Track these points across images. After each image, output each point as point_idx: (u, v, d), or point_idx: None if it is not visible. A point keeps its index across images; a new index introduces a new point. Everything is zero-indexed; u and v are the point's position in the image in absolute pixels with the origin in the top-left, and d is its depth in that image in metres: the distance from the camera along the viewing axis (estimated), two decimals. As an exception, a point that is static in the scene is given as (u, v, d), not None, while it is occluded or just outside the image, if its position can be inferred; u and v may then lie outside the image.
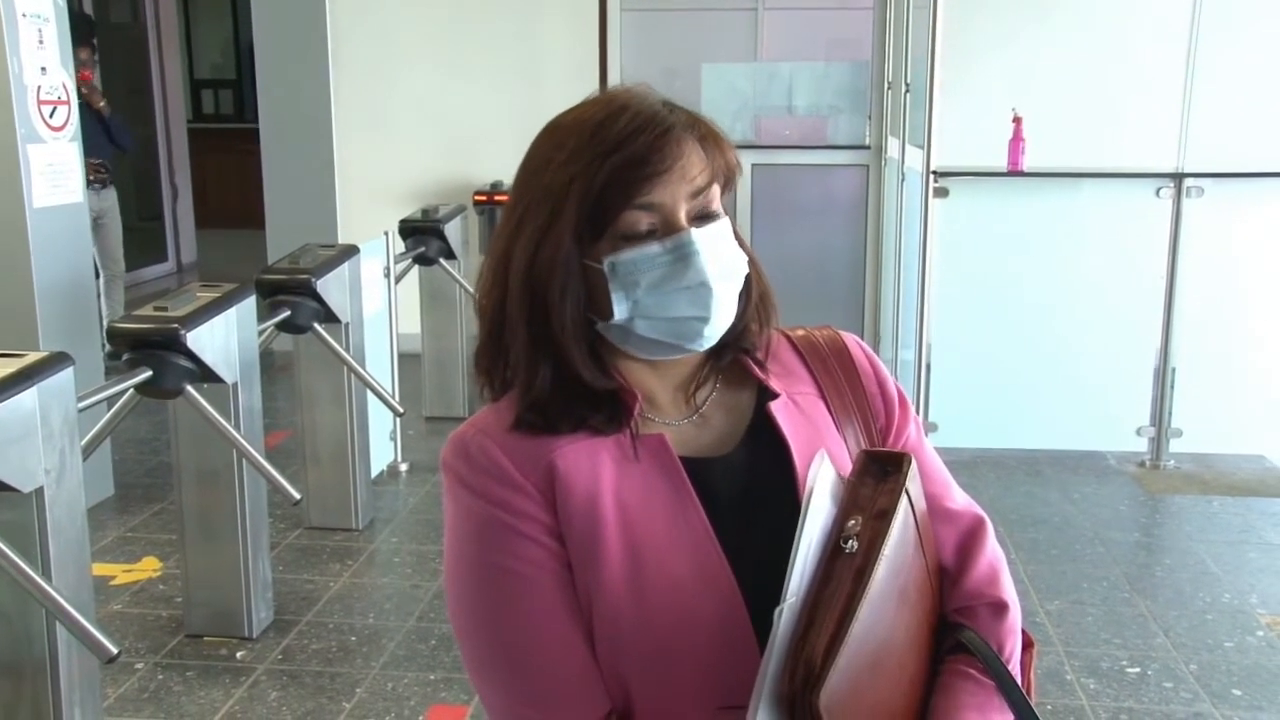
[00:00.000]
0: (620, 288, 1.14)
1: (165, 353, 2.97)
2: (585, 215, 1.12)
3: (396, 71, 6.63)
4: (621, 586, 1.12)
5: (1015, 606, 1.27)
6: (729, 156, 1.19)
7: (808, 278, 6.63)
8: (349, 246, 4.20)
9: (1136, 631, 3.41)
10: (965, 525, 1.29)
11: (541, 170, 1.15)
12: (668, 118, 1.15)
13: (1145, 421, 4.90)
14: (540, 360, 1.16)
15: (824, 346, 1.32)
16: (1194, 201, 4.68)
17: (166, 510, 4.31)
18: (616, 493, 1.15)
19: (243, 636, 3.37)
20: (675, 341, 1.17)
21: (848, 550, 1.07)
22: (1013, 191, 4.88)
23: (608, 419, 1.18)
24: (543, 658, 1.14)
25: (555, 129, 1.18)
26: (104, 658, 2.28)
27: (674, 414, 1.23)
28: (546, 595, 1.14)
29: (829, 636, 1.02)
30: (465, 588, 1.18)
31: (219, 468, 3.31)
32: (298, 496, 3.13)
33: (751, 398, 1.25)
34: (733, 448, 1.22)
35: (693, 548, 1.14)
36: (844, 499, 1.12)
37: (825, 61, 6.76)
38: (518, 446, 1.16)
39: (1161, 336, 4.81)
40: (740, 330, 1.23)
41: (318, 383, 4.15)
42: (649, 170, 1.12)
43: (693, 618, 1.12)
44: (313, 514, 4.20)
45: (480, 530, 1.16)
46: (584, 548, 1.14)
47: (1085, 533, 4.15)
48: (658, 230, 1.13)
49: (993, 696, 1.19)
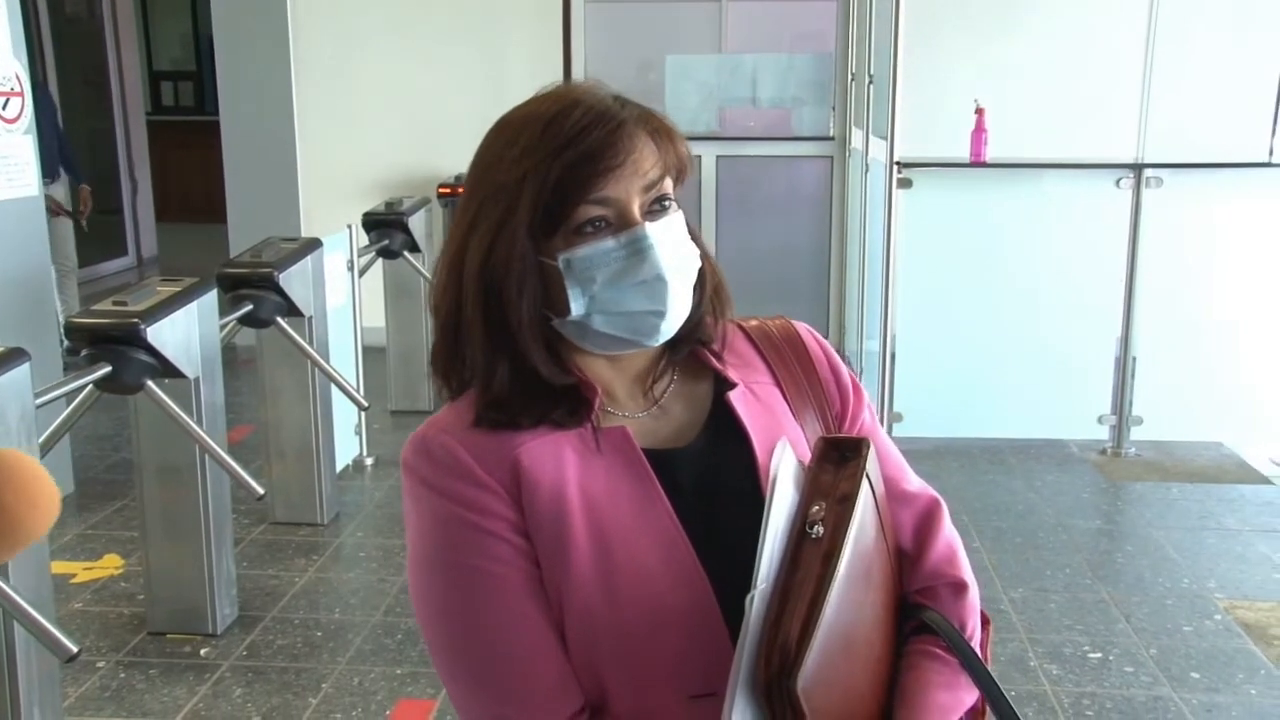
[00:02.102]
0: (576, 284, 1.14)
1: (125, 348, 2.94)
2: (539, 212, 1.13)
3: (359, 63, 6.59)
4: (591, 579, 1.13)
5: (974, 586, 1.29)
6: (681, 150, 1.19)
7: (772, 269, 6.65)
8: (312, 240, 4.17)
9: (1098, 618, 3.45)
10: (922, 507, 1.31)
11: (494, 167, 1.16)
12: (619, 112, 1.15)
13: (1106, 409, 4.95)
14: (498, 358, 1.17)
15: (778, 336, 1.33)
16: (1153, 192, 4.73)
17: (128, 507, 4.27)
18: (582, 486, 1.15)
19: (206, 633, 3.35)
20: (632, 336, 1.18)
21: (814, 536, 1.08)
22: (975, 182, 4.91)
23: (569, 413, 1.18)
24: (514, 656, 1.14)
25: (507, 125, 1.18)
26: (63, 657, 2.26)
27: (633, 407, 1.24)
28: (516, 593, 1.14)
29: (802, 620, 1.03)
30: (433, 589, 1.17)
31: (181, 464, 3.28)
32: (261, 491, 3.11)
33: (709, 389, 1.26)
34: (693, 438, 1.23)
35: (660, 538, 1.15)
36: (806, 485, 1.13)
37: (789, 53, 6.77)
38: (481, 444, 1.16)
39: (1122, 326, 4.86)
40: (696, 322, 1.24)
41: (281, 377, 4.12)
42: (602, 165, 1.12)
43: (663, 608, 1.13)
44: (277, 509, 4.18)
45: (446, 530, 1.15)
46: (552, 543, 1.14)
47: (1048, 520, 4.19)
48: (612, 225, 1.14)
49: (959, 674, 1.21)
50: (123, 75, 9.52)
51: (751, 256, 6.64)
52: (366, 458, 4.81)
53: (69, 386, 2.88)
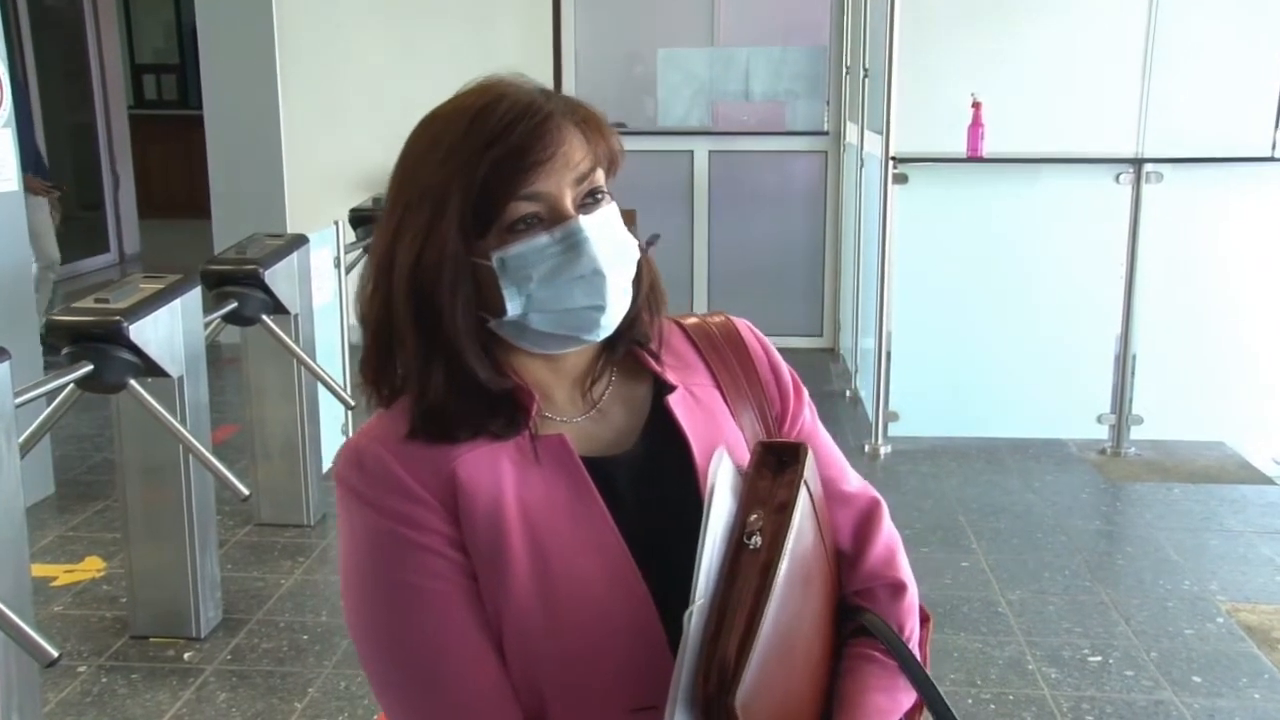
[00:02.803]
0: (512, 283, 1.13)
1: (107, 346, 2.92)
2: (469, 212, 1.12)
3: (346, 56, 6.57)
4: (529, 593, 1.12)
5: (912, 586, 1.31)
6: (611, 141, 1.18)
7: (766, 266, 6.66)
8: (297, 236, 4.16)
9: (1098, 620, 3.44)
10: (861, 508, 1.32)
11: (418, 169, 1.15)
12: (545, 105, 1.14)
13: (1106, 409, 4.95)
14: (433, 365, 1.15)
15: (717, 334, 1.33)
16: (1154, 187, 4.73)
17: (109, 508, 4.26)
18: (519, 498, 1.15)
19: (190, 637, 3.33)
20: (572, 333, 1.17)
21: (752, 546, 1.09)
22: (972, 177, 4.91)
23: (506, 423, 1.17)
24: (452, 672, 1.13)
25: (430, 124, 1.18)
26: (44, 661, 2.24)
27: (572, 411, 1.23)
28: (452, 609, 1.13)
29: (740, 636, 1.03)
30: (367, 606, 1.16)
31: (164, 464, 3.27)
32: (246, 492, 3.08)
33: (648, 391, 1.26)
34: (632, 444, 1.23)
35: (599, 549, 1.15)
36: (744, 493, 1.14)
37: (783, 46, 6.76)
38: (415, 456, 1.15)
39: (1122, 323, 4.86)
40: (632, 320, 1.23)
41: (266, 376, 4.11)
42: (531, 160, 1.11)
43: (603, 620, 1.13)
44: (263, 510, 4.17)
45: (380, 546, 1.15)
46: (489, 557, 1.13)
47: (1046, 521, 4.19)
48: (545, 220, 1.13)
49: (897, 677, 1.23)
50: (104, 68, 9.49)
51: (745, 254, 6.64)
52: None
53: (49, 385, 2.86)
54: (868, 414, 5.12)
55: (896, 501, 4.39)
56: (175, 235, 9.63)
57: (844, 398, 5.73)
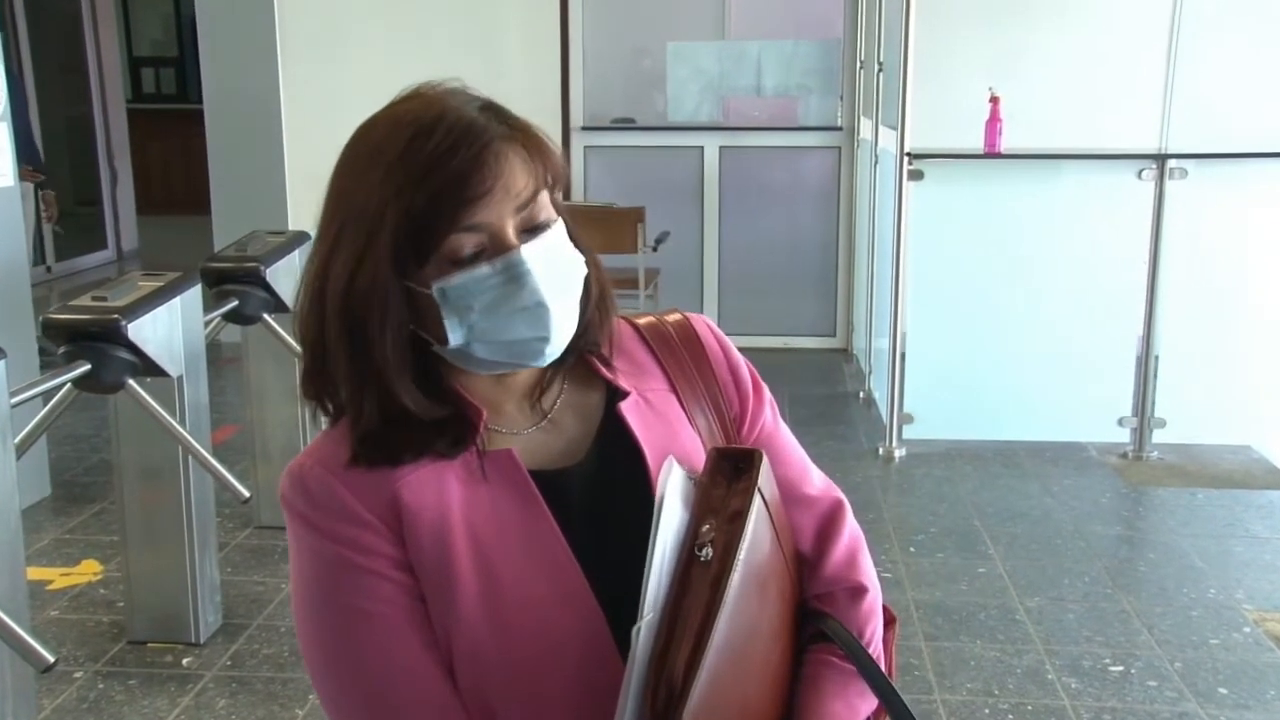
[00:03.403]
0: (453, 313, 1.12)
1: (105, 345, 2.92)
2: (405, 241, 1.09)
3: (348, 48, 6.56)
4: (478, 613, 1.12)
5: (874, 588, 1.31)
6: (554, 161, 1.16)
7: (777, 265, 6.65)
8: (299, 233, 4.15)
9: (1119, 629, 3.43)
10: (823, 510, 1.32)
11: (354, 188, 1.13)
12: (486, 128, 1.12)
13: (1127, 411, 4.93)
14: (365, 391, 1.14)
15: (673, 335, 1.31)
16: (1177, 183, 4.71)
17: (107, 510, 4.26)
18: (466, 517, 1.14)
19: (189, 642, 3.33)
20: (517, 360, 1.17)
21: (703, 558, 1.08)
22: (990, 174, 4.90)
23: (451, 442, 1.16)
24: (402, 695, 1.13)
25: (368, 135, 1.16)
26: (40, 667, 2.24)
27: (522, 422, 1.22)
28: (401, 632, 1.13)
29: (688, 652, 1.03)
30: (316, 630, 1.17)
31: (163, 465, 3.27)
32: (247, 494, 3.10)
33: (601, 398, 1.25)
34: (584, 455, 1.21)
35: (548, 565, 1.14)
36: (696, 502, 1.13)
37: (795, 40, 6.76)
38: (359, 478, 1.15)
39: (1144, 323, 4.84)
40: (582, 331, 1.21)
41: (268, 375, 4.11)
42: (469, 194, 1.09)
43: (553, 637, 1.13)
44: (263, 512, 4.17)
45: (327, 570, 1.15)
46: (436, 578, 1.13)
47: (1065, 527, 4.17)
48: (486, 250, 1.11)
49: (855, 681, 1.23)
50: (101, 61, 9.50)
51: (755, 252, 6.63)
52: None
53: (46, 385, 2.86)
54: (881, 416, 5.11)
55: (911, 506, 4.39)
56: (174, 232, 9.63)
57: (857, 399, 5.72)
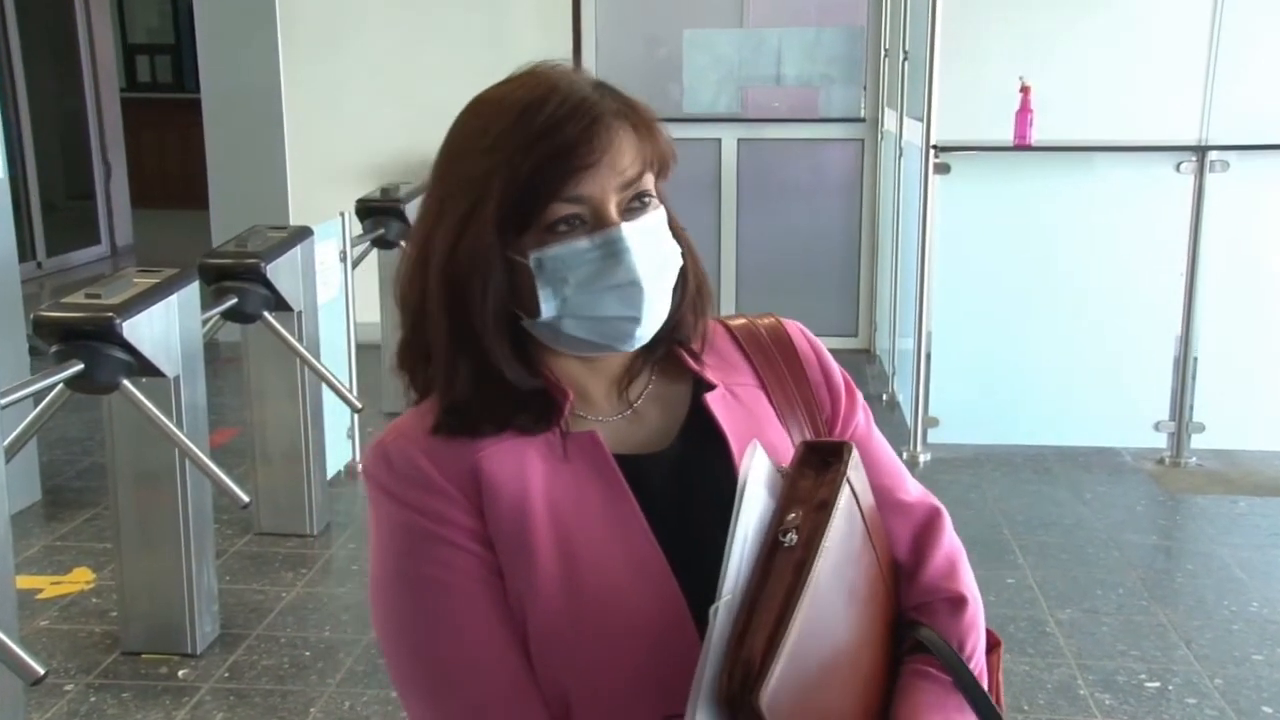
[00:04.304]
0: (547, 284, 1.17)
1: (99, 344, 2.93)
2: (509, 207, 1.15)
3: (352, 36, 6.57)
4: (556, 592, 1.15)
5: (976, 601, 1.31)
6: (662, 144, 1.21)
7: (797, 262, 6.63)
8: (301, 228, 4.18)
9: (1156, 643, 3.42)
10: (920, 517, 1.33)
11: (462, 157, 1.18)
12: (598, 104, 1.17)
13: (1164, 415, 4.90)
14: (461, 358, 1.19)
15: (765, 336, 1.36)
16: (1218, 176, 4.67)
17: (100, 516, 4.27)
18: (547, 494, 1.18)
19: (185, 653, 3.34)
20: (605, 341, 1.21)
21: (786, 544, 1.09)
22: (1020, 167, 4.88)
23: (535, 418, 1.21)
24: (476, 670, 1.16)
25: (477, 110, 1.20)
26: (29, 679, 2.25)
27: (607, 410, 1.27)
28: (477, 605, 1.17)
29: (768, 633, 1.04)
30: (392, 601, 1.20)
31: (159, 469, 3.28)
32: (246, 499, 3.12)
33: (687, 391, 1.30)
34: (669, 443, 1.26)
35: (629, 549, 1.18)
36: (783, 491, 1.15)
37: (817, 27, 6.74)
38: (441, 450, 1.19)
39: (1182, 323, 4.82)
40: (675, 322, 1.26)
41: (268, 376, 4.13)
42: (577, 163, 1.14)
43: (632, 622, 1.15)
44: (263, 518, 4.18)
45: (406, 540, 1.19)
46: (514, 553, 1.17)
47: (1099, 535, 4.16)
48: (586, 224, 1.16)
49: (952, 695, 1.23)
50: (94, 48, 9.52)
51: (775, 248, 6.62)
52: (359, 463, 4.79)
53: (37, 386, 2.87)
54: (906, 419, 5.10)
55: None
56: (170, 227, 9.66)
57: (881, 402, 5.71)
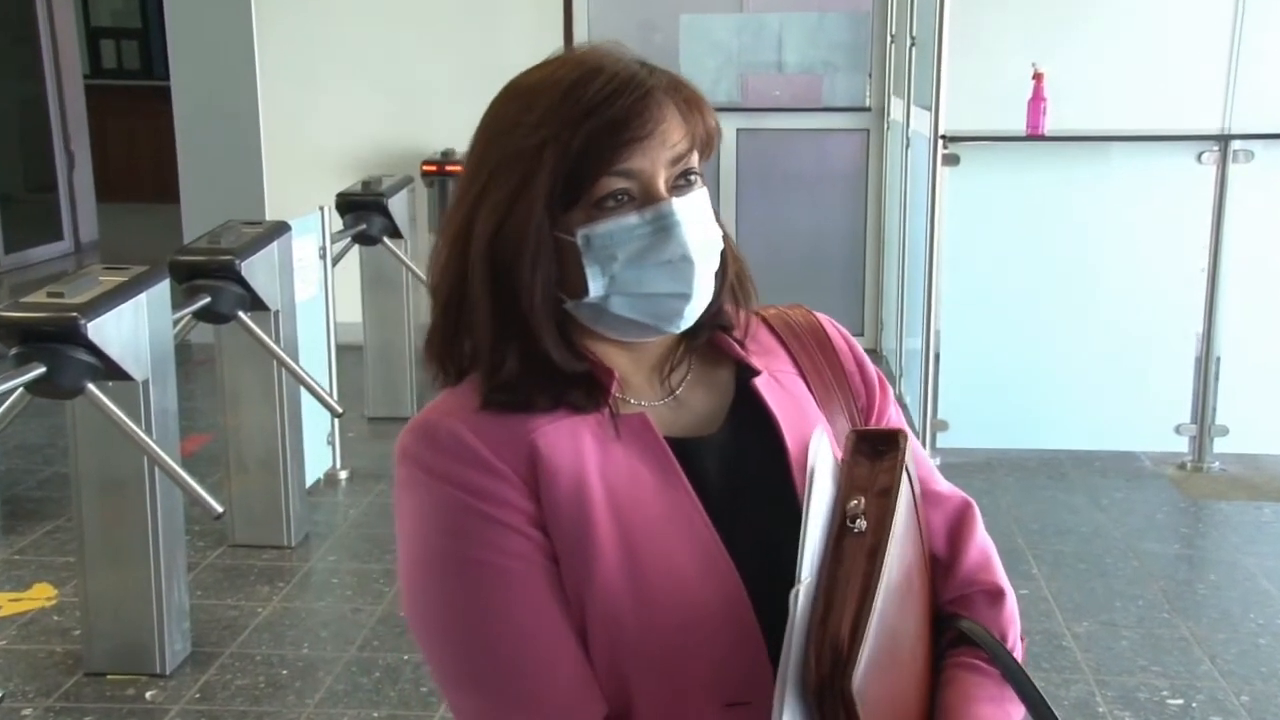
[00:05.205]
0: (595, 262, 1.19)
1: (62, 346, 2.92)
2: (559, 182, 1.17)
3: (332, 20, 6.56)
4: (618, 578, 1.16)
5: (1012, 592, 1.35)
6: (710, 122, 1.25)
7: (800, 257, 6.63)
8: (278, 223, 4.18)
9: (1178, 658, 3.42)
10: (954, 510, 1.37)
11: (508, 133, 1.20)
12: (647, 79, 1.20)
13: (1185, 418, 4.90)
14: (506, 343, 1.21)
15: (799, 325, 1.41)
16: (1242, 167, 4.68)
17: (62, 529, 4.25)
18: (604, 476, 1.19)
19: (153, 673, 3.33)
20: (653, 322, 1.23)
21: (856, 530, 1.14)
22: (1033, 158, 4.90)
23: (585, 396, 1.23)
24: (532, 659, 1.16)
25: (520, 89, 1.23)
26: (-7, 700, 2.24)
27: (650, 396, 1.29)
28: (533, 590, 1.17)
29: (852, 616, 1.07)
30: (435, 585, 1.20)
31: (126, 478, 3.26)
32: (220, 509, 3.13)
33: (731, 376, 1.33)
34: (716, 427, 1.29)
35: (688, 532, 1.20)
36: (842, 479, 1.20)
37: (820, 11, 6.76)
38: (491, 427, 1.20)
39: (1204, 321, 4.82)
40: (716, 310, 1.30)
41: (243, 379, 4.12)
42: (628, 135, 1.17)
43: (694, 607, 1.17)
44: (238, 529, 4.17)
45: (453, 520, 1.18)
46: (573, 537, 1.17)
47: (1117, 544, 4.17)
48: (636, 200, 1.19)
49: (1004, 688, 1.26)
50: (55, 31, 9.47)
51: (777, 243, 6.62)
52: (340, 471, 4.80)
53: (-3, 390, 2.86)
54: (913, 422, 5.10)
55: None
56: (138, 222, 9.65)
57: (888, 405, 5.71)
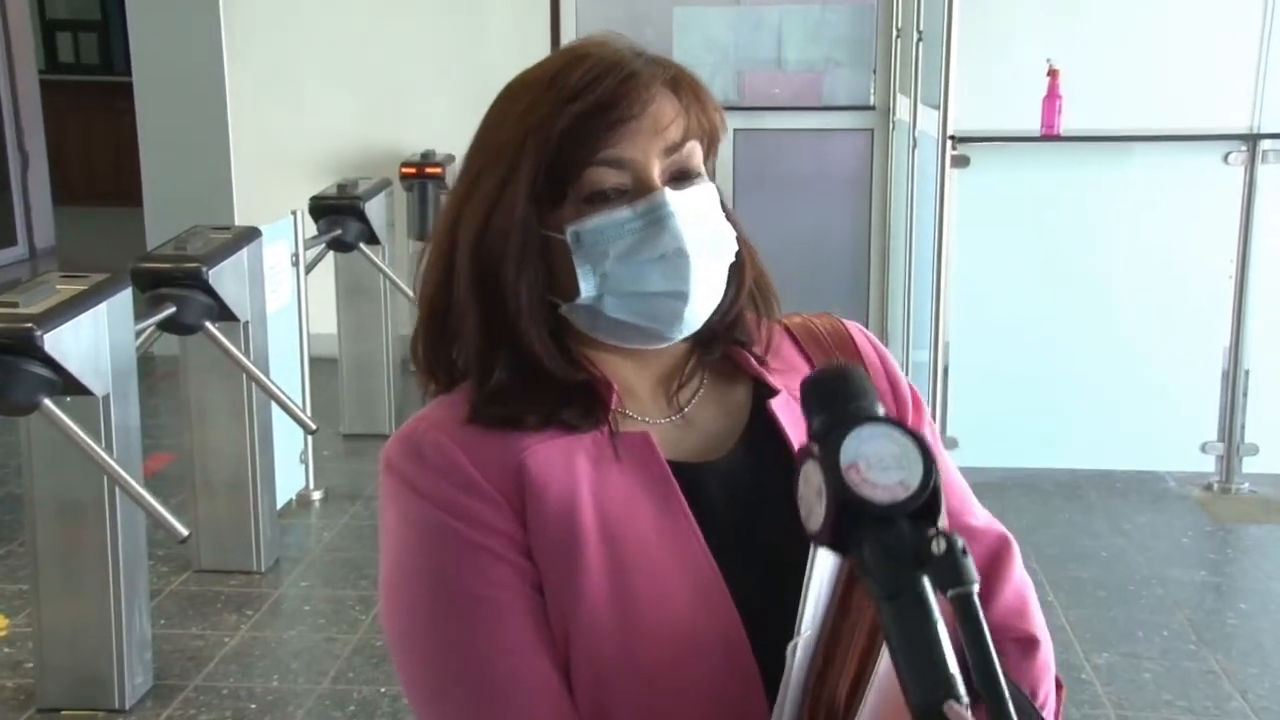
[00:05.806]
0: (586, 260, 1.18)
1: (16, 359, 2.93)
2: (543, 173, 1.17)
3: (304, 10, 6.56)
4: (605, 610, 1.15)
5: (1047, 641, 1.34)
6: (710, 112, 1.24)
7: (802, 263, 6.63)
8: (248, 229, 4.19)
9: (1206, 692, 3.41)
10: (988, 547, 1.35)
11: (494, 128, 1.22)
12: (633, 62, 1.20)
13: (1212, 436, 4.91)
14: (495, 350, 1.21)
15: (826, 337, 1.37)
16: (1272, 168, 4.68)
17: (14, 554, 4.24)
18: (596, 501, 1.18)
19: (112, 708, 3.32)
20: (649, 324, 1.21)
21: None
22: (1047, 159, 4.91)
23: (582, 413, 1.21)
24: (512, 695, 1.15)
25: (512, 85, 1.24)
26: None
27: (655, 412, 1.27)
28: (514, 622, 1.16)
29: (852, 676, 1.06)
30: (414, 614, 1.20)
31: (84, 499, 3.27)
32: (185, 532, 3.12)
33: (747, 395, 1.30)
34: (725, 451, 1.26)
35: (685, 565, 1.18)
36: None
37: (821, 5, 6.77)
38: (480, 444, 1.19)
39: (1231, 333, 4.82)
40: (732, 321, 1.28)
41: (210, 394, 4.13)
42: (614, 116, 1.16)
43: (687, 643, 1.16)
44: (204, 554, 4.17)
45: (437, 545, 1.18)
46: (560, 566, 1.16)
47: (1140, 571, 4.16)
48: (628, 192, 1.18)
49: None
50: (7, 23, 9.47)
51: (776, 249, 6.35)
52: (314, 491, 4.80)
53: (-55, 406, 2.84)
54: (924, 440, 5.08)
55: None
56: (98, 226, 9.66)
57: (894, 421, 5.71)
